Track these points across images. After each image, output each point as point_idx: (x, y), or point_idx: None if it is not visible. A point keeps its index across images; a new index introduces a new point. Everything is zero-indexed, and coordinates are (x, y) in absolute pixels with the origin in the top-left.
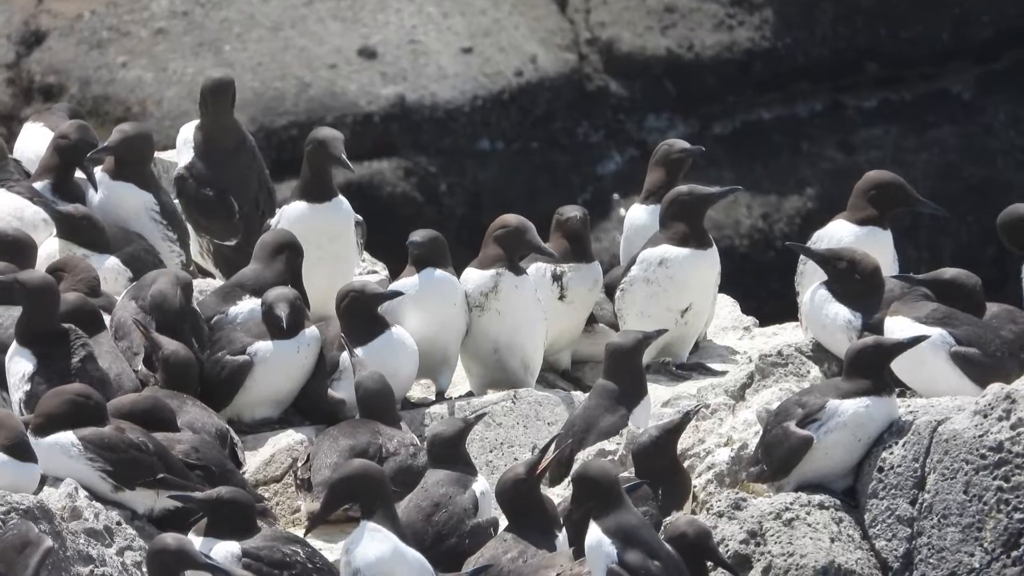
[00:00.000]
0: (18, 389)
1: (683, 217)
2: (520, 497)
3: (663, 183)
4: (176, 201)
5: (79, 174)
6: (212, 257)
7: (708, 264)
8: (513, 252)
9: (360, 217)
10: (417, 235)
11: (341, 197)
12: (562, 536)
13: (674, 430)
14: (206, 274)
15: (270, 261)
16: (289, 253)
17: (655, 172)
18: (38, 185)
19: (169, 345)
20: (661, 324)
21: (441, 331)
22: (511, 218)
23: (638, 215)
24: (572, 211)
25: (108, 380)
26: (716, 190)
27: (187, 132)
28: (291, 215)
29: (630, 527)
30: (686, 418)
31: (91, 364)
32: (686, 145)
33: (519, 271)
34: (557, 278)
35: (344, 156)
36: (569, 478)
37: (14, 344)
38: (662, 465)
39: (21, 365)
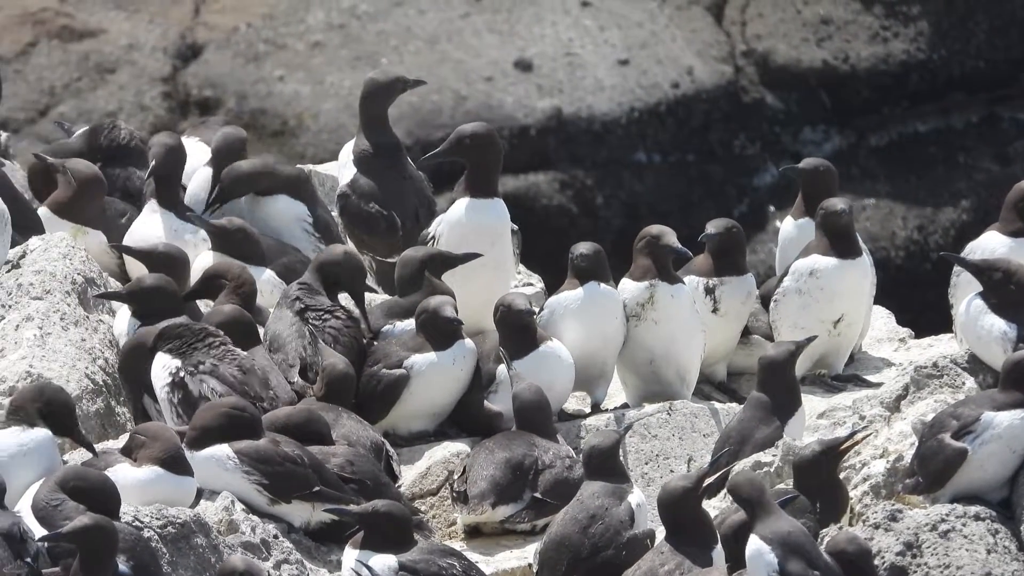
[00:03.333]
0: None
1: (832, 228)
2: (683, 507)
3: (808, 198)
4: (338, 218)
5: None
6: (374, 274)
7: (859, 274)
8: (658, 260)
9: (515, 226)
10: (582, 247)
11: (501, 200)
12: (719, 549)
13: (838, 448)
14: (369, 290)
15: (416, 281)
16: (430, 265)
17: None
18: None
19: (329, 357)
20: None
21: (602, 345)
22: (650, 227)
23: (788, 229)
24: (713, 227)
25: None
26: (843, 207)
27: (350, 148)
28: (452, 216)
29: (789, 536)
30: (852, 437)
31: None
32: (794, 165)
33: (674, 280)
34: (710, 291)
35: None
36: (725, 490)
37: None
38: (822, 479)
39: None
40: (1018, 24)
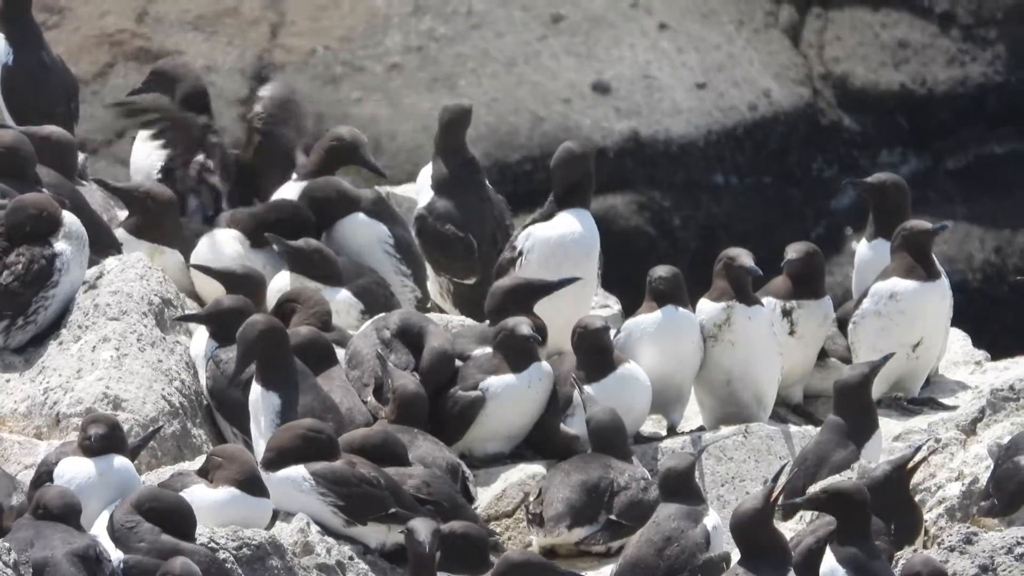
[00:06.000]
0: None
1: (910, 251)
2: (755, 528)
3: (879, 216)
4: (416, 240)
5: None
6: (451, 296)
7: (938, 296)
8: (735, 282)
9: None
10: (661, 271)
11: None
12: (793, 572)
13: (906, 465)
14: (444, 313)
15: (504, 311)
16: (514, 294)
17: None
18: (297, 184)
19: (400, 378)
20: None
21: (679, 368)
22: (728, 249)
23: (863, 251)
24: (795, 252)
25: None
26: (935, 225)
27: (428, 172)
28: (540, 233)
29: (864, 559)
30: (917, 453)
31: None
32: (862, 180)
33: (752, 302)
34: (787, 313)
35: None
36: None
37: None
38: (894, 499)
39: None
40: None
